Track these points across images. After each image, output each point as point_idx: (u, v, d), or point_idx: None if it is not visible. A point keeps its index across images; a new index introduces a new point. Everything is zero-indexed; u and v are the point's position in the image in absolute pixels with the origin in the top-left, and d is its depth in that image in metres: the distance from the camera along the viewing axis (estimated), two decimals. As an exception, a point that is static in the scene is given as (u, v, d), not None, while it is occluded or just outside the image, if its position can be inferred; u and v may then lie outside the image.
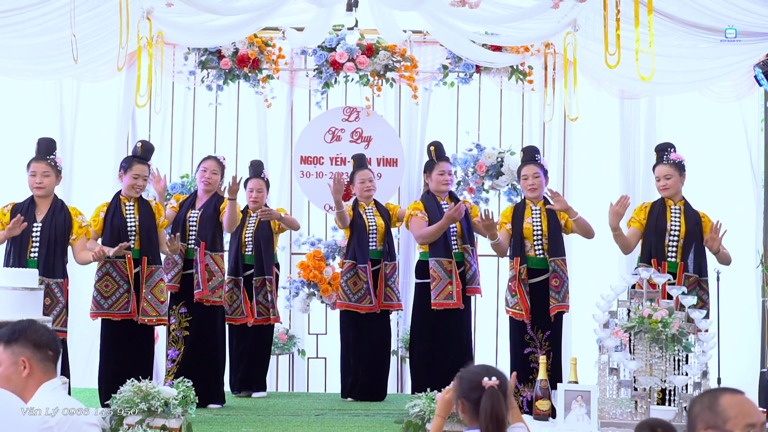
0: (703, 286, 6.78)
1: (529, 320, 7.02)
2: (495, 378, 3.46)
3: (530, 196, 7.22)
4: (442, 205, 7.43)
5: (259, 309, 7.77)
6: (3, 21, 7.01)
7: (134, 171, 7.03)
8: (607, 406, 5.51)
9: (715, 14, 6.73)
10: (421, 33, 8.73)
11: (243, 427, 6.39)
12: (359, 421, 6.70)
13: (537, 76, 8.74)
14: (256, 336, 7.84)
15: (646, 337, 5.51)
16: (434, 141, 7.73)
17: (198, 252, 7.28)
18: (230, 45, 8.48)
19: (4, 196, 7.18)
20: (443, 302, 7.24)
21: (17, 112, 8.80)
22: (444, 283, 7.24)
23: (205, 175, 7.49)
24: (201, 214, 7.38)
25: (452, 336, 7.33)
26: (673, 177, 6.84)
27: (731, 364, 8.07)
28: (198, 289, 7.24)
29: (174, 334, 7.27)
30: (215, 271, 7.31)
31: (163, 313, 7.02)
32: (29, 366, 3.39)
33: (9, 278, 5.50)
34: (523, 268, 7.05)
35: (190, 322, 7.25)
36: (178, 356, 7.24)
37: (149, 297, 6.93)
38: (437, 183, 7.49)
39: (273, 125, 8.97)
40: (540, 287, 7.06)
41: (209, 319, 7.33)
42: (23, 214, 6.55)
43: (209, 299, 7.27)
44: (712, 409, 2.78)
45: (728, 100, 8.69)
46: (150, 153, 7.26)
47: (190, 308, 7.26)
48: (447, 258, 7.28)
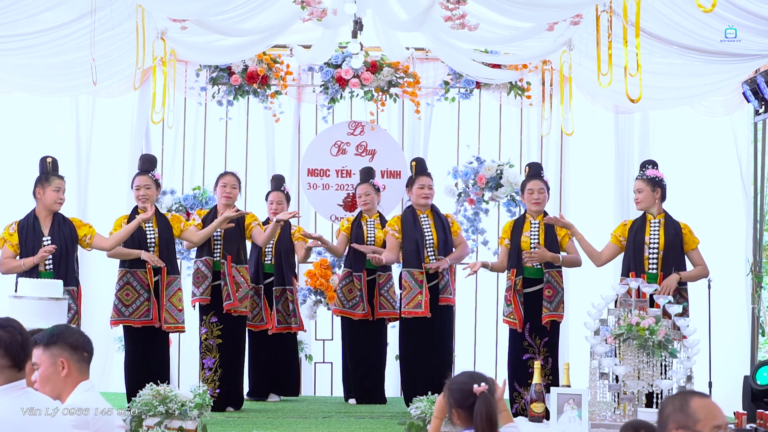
0: (683, 294, 7.04)
1: (521, 329, 7.32)
2: (484, 383, 3.72)
3: (533, 210, 7.49)
4: (422, 219, 7.72)
5: (279, 317, 8.09)
6: (25, 42, 7.37)
7: (136, 183, 7.40)
8: (598, 409, 5.84)
9: (701, 37, 7.05)
10: (424, 50, 9.08)
11: (254, 429, 6.72)
12: (364, 423, 7.04)
13: (535, 91, 9.08)
14: (279, 344, 8.16)
15: (634, 343, 5.84)
16: (416, 157, 8.12)
17: (225, 265, 7.55)
18: (240, 62, 8.83)
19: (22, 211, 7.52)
20: (412, 311, 7.54)
21: (35, 127, 9.10)
22: (414, 293, 7.55)
23: (225, 190, 7.71)
24: (225, 229, 7.61)
25: (430, 343, 7.61)
26: (644, 191, 7.10)
27: (722, 369, 8.36)
28: (228, 300, 7.50)
29: (207, 343, 7.52)
30: (241, 283, 7.61)
31: (181, 321, 7.37)
32: (67, 366, 3.68)
33: (36, 289, 5.85)
34: (519, 279, 7.35)
35: (222, 330, 7.54)
36: (215, 364, 7.54)
37: (168, 306, 7.29)
38: (417, 197, 7.75)
39: (281, 139, 9.33)
40: (535, 297, 7.37)
41: (237, 328, 7.66)
42: (29, 231, 6.91)
43: (237, 309, 7.59)
44: (684, 411, 3.00)
45: (719, 114, 9.02)
46: (150, 164, 7.54)
47: (219, 318, 7.54)
48: (418, 269, 7.59)
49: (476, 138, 9.24)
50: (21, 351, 3.40)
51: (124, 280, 7.28)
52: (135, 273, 7.25)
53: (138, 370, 7.25)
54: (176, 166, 9.20)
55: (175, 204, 8.63)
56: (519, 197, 8.78)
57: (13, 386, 3.37)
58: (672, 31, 7.08)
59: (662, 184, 7.16)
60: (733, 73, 8.06)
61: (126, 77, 8.47)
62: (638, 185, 7.18)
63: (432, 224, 7.68)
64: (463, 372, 3.85)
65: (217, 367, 7.49)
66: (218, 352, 7.50)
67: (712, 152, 9.26)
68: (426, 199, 7.75)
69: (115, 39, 7.70)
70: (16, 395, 3.36)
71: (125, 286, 7.26)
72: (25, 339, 3.44)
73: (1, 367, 3.36)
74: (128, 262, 7.29)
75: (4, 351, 3.36)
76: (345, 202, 9.00)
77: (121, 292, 7.26)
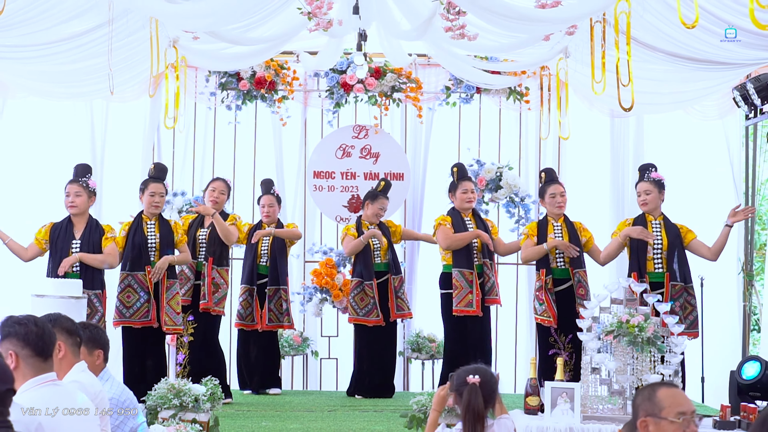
0: (690, 292, 7.48)
1: (557, 326, 7.65)
2: (477, 377, 4.13)
3: (556, 213, 7.88)
4: (466, 221, 8.09)
5: (270, 316, 8.37)
6: (45, 51, 7.68)
7: (150, 189, 7.69)
8: (590, 402, 6.14)
9: (689, 47, 7.34)
10: (426, 56, 9.35)
11: (263, 421, 7.04)
12: (368, 416, 7.36)
13: (533, 96, 9.35)
14: (267, 341, 8.47)
15: (625, 339, 6.13)
16: (457, 162, 8.44)
17: (206, 267, 7.97)
18: (248, 68, 9.12)
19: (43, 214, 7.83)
20: (464, 309, 7.93)
21: (50, 130, 9.39)
22: (465, 292, 7.93)
23: (214, 195, 8.17)
24: (209, 233, 8.07)
25: (474, 340, 8.00)
26: (652, 193, 7.49)
27: (714, 365, 8.64)
28: (203, 300, 7.93)
29: (180, 340, 7.89)
30: (221, 284, 8.04)
31: (179, 323, 7.70)
32: (64, 349, 3.99)
33: (56, 288, 6.17)
34: (549, 279, 7.74)
35: (195, 329, 7.90)
36: (184, 359, 7.89)
37: (167, 308, 7.60)
38: (461, 201, 8.15)
39: (288, 142, 9.63)
40: (565, 295, 7.74)
41: (212, 327, 8.08)
42: (62, 233, 7.28)
43: (213, 309, 7.99)
44: (651, 400, 3.28)
45: (711, 118, 9.28)
46: (163, 173, 7.89)
47: (196, 316, 7.93)
48: (468, 269, 7.96)
49: (476, 141, 9.52)
50: (39, 340, 3.57)
51: (125, 282, 7.56)
52: (135, 276, 7.55)
53: (137, 369, 7.53)
54: (186, 168, 9.50)
55: (185, 205, 8.91)
56: (518, 198, 9.10)
57: (42, 379, 3.57)
58: (662, 41, 7.37)
59: (665, 186, 7.53)
60: (724, 79, 8.32)
61: (138, 83, 8.79)
62: (646, 187, 7.50)
63: (475, 227, 8.08)
64: (473, 365, 4.28)
65: (186, 363, 7.82)
66: (188, 349, 7.82)
67: (706, 155, 9.52)
68: (470, 203, 8.15)
69: (129, 47, 7.97)
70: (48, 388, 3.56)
71: (126, 289, 7.55)
72: (41, 329, 3.61)
73: (26, 358, 3.56)
74: (129, 265, 7.58)
75: (23, 342, 3.56)
76: (350, 203, 9.28)
77: (122, 294, 7.55)
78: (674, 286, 7.41)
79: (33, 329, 3.60)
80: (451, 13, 6.98)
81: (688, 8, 5.92)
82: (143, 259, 7.55)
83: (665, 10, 6.84)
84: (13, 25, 6.73)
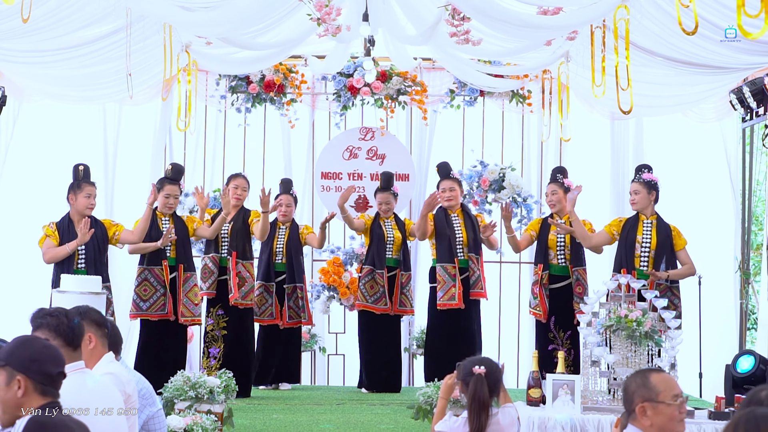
0: (675, 292, 7.59)
1: (546, 320, 7.86)
2: (483, 367, 4.37)
3: (551, 210, 8.14)
4: (453, 218, 8.29)
5: (290, 313, 8.57)
6: (62, 56, 7.91)
7: (166, 191, 7.91)
8: (590, 394, 6.36)
9: (688, 52, 7.55)
10: (430, 60, 9.56)
11: (274, 414, 7.27)
12: (375, 409, 7.59)
13: (535, 99, 9.57)
14: (289, 337, 8.66)
15: (623, 334, 6.34)
16: (440, 162, 8.56)
17: (230, 261, 8.14)
18: (258, 72, 9.35)
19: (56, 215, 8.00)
20: (447, 303, 8.13)
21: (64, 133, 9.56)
22: (448, 286, 8.13)
23: (237, 192, 8.30)
24: (231, 227, 8.21)
25: (459, 334, 8.20)
26: (640, 193, 7.63)
27: (712, 360, 8.77)
28: (231, 293, 8.10)
29: (213, 334, 8.03)
30: (246, 277, 8.20)
31: (198, 314, 7.92)
32: (94, 341, 4.14)
33: (77, 284, 6.38)
34: (545, 275, 7.97)
35: (227, 322, 8.05)
36: (219, 353, 8.09)
37: (185, 300, 7.82)
38: (441, 199, 8.34)
39: (296, 144, 9.87)
40: (562, 292, 7.96)
41: (243, 320, 8.24)
42: (65, 232, 7.46)
43: (242, 302, 8.16)
44: (646, 386, 3.40)
45: (709, 120, 9.45)
46: (180, 174, 8.12)
47: (225, 310, 8.07)
48: (451, 263, 8.15)
49: (480, 143, 9.72)
50: (69, 331, 3.74)
51: (142, 276, 7.82)
52: (152, 270, 7.79)
53: (149, 362, 7.73)
54: (197, 169, 9.72)
55: (212, 199, 9.06)
56: (520, 199, 9.31)
57: (72, 367, 3.68)
58: (661, 46, 7.57)
59: (657, 187, 7.67)
60: (721, 82, 8.47)
61: (151, 86, 9.00)
62: (635, 187, 7.68)
63: (462, 223, 8.27)
64: (479, 356, 4.55)
65: (221, 357, 8.03)
66: (223, 343, 7.97)
67: (703, 156, 9.68)
68: (449, 201, 8.30)
69: (142, 52, 8.15)
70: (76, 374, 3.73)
71: (143, 282, 7.81)
72: (71, 321, 3.76)
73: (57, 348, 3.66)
74: (147, 259, 7.80)
75: (54, 333, 3.71)
76: (356, 203, 9.49)
77: (139, 287, 7.80)
78: (659, 285, 7.55)
79: (64, 321, 3.78)
80: (456, 19, 7.19)
81: (687, 16, 6.12)
82: (160, 253, 7.78)
83: (663, 17, 7.05)
84: (34, 31, 6.94)
